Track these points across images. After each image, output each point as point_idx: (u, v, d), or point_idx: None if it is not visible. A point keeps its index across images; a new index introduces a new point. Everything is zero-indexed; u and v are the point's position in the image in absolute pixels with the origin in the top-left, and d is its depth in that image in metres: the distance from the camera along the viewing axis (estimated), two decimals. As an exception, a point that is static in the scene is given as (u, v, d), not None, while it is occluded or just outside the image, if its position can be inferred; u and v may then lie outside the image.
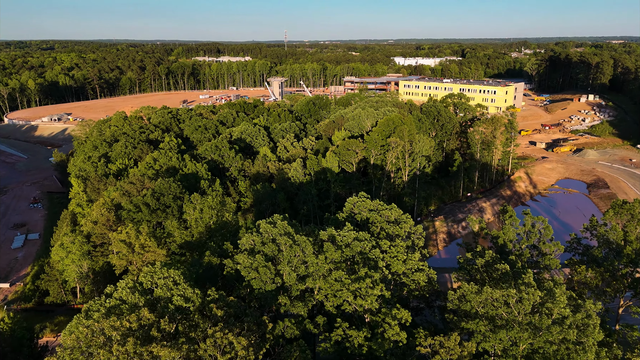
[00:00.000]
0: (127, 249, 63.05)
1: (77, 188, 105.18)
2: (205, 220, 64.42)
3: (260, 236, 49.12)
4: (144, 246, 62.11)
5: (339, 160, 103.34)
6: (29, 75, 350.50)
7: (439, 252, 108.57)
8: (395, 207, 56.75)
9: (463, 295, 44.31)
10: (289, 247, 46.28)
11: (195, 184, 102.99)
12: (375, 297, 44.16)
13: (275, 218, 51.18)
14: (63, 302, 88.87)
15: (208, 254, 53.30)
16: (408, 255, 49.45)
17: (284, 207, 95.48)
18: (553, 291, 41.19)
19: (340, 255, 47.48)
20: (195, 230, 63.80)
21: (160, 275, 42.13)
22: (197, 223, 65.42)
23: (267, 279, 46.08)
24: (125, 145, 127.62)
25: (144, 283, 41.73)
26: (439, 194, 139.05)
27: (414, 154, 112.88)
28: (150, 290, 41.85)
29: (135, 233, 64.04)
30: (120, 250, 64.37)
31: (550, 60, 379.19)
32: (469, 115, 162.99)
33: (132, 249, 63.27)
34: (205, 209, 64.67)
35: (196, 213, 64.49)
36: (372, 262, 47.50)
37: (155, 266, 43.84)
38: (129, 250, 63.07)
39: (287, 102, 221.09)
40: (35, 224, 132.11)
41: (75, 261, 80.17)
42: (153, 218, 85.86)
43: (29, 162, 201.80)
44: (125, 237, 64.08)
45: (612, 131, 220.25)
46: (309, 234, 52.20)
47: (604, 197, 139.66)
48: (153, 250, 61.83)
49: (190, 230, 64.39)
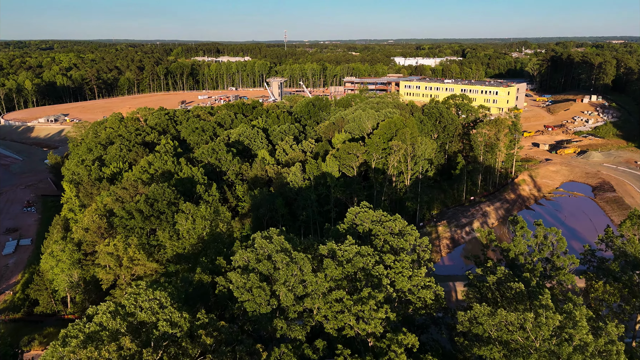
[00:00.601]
0: (114, 262, 59.82)
1: (69, 193, 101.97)
2: (198, 231, 61.08)
3: (255, 252, 45.76)
4: (133, 259, 58.89)
5: (339, 164, 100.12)
6: (26, 76, 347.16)
7: (442, 259, 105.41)
8: (400, 217, 53.47)
9: (474, 317, 41.09)
10: (285, 265, 42.91)
11: (191, 189, 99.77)
12: (379, 320, 40.95)
13: (272, 232, 47.85)
14: (53, 312, 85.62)
15: (199, 271, 49.96)
16: (414, 271, 46.20)
17: (283, 213, 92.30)
18: (573, 314, 38.00)
19: (341, 271, 44.17)
20: (187, 242, 60.45)
21: (145, 297, 38.78)
22: (190, 234, 62.07)
23: (261, 301, 42.74)
24: (120, 148, 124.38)
25: (127, 306, 38.44)
26: (441, 198, 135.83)
27: (416, 157, 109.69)
28: (133, 314, 38.55)
29: (123, 245, 60.79)
30: (108, 263, 61.13)
31: (552, 60, 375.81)
32: (471, 117, 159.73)
33: (119, 262, 60.03)
34: (197, 219, 61.29)
35: (188, 223, 61.12)
36: (375, 279, 44.25)
37: (140, 286, 40.56)
38: (117, 264, 59.83)
39: (286, 103, 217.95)
40: (28, 229, 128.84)
41: (65, 270, 77.00)
42: (146, 225, 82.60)
43: (24, 164, 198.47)
44: (113, 250, 60.83)
45: (616, 132, 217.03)
46: (307, 248, 48.94)
47: (610, 201, 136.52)
48: (143, 263, 58.61)
49: (182, 241, 60.98)
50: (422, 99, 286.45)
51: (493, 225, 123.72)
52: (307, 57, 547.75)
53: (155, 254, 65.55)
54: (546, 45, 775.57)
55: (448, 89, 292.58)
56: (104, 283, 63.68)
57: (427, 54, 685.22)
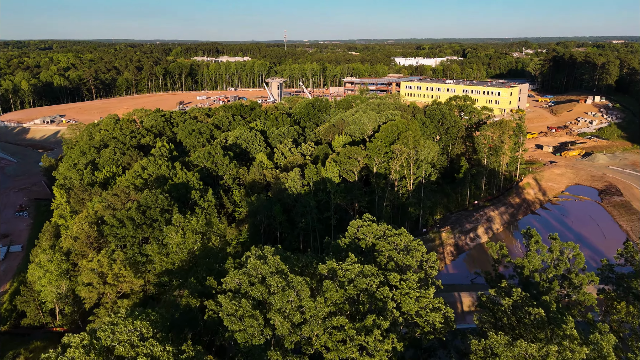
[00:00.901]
0: (98, 279, 56.18)
1: (60, 198, 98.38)
2: (188, 245, 57.43)
3: (247, 274, 42.00)
4: (119, 276, 55.26)
5: (340, 169, 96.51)
6: (23, 76, 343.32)
7: (447, 267, 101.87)
8: (405, 232, 49.81)
9: (490, 347, 37.50)
10: (281, 289, 39.20)
11: (186, 195, 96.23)
12: (386, 354, 37.30)
13: (266, 251, 44.15)
14: (41, 324, 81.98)
15: (187, 294, 46.33)
16: (421, 292, 42.59)
17: (281, 220, 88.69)
18: (601, 346, 34.53)
19: (342, 294, 40.50)
20: (177, 257, 56.76)
21: (124, 328, 35.15)
22: (180, 248, 58.39)
23: (254, 331, 39.01)
24: (114, 151, 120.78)
25: (103, 339, 34.77)
26: (444, 202, 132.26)
27: (419, 161, 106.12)
28: (110, 348, 34.94)
29: (108, 261, 57.13)
30: (91, 281, 57.45)
31: (554, 60, 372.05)
32: (474, 119, 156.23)
33: (104, 279, 56.41)
34: (188, 233, 57.58)
35: (178, 237, 57.42)
36: (380, 302, 40.60)
37: (119, 315, 36.93)
38: (100, 282, 56.19)
39: (285, 105, 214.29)
40: (19, 235, 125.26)
41: (53, 282, 73.37)
42: (138, 234, 79.00)
43: (19, 167, 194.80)
44: (97, 266, 57.16)
45: (621, 134, 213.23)
46: (306, 266, 45.31)
47: (617, 205, 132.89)
48: (129, 280, 55.00)
49: (172, 256, 57.24)
50: (423, 100, 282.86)
51: (498, 230, 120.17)
52: (306, 57, 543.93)
53: (143, 266, 61.75)
54: (547, 45, 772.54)
55: (449, 89, 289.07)
56: (86, 302, 59.91)
57: (427, 54, 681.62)
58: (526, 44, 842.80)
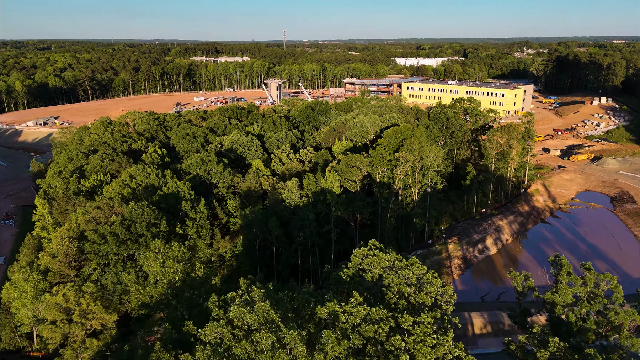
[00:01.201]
0: (62, 316, 49.86)
1: (42, 209, 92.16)
2: (168, 276, 51.11)
3: (230, 326, 35.61)
4: (87, 312, 48.98)
5: (341, 178, 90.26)
6: (17, 77, 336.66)
7: (455, 282, 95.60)
8: (417, 262, 43.51)
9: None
10: (270, 345, 32.76)
11: (176, 206, 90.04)
12: None
13: (254, 294, 37.50)
14: (17, 348, 75.75)
15: (158, 347, 39.99)
16: (438, 337, 36.41)
17: (277, 235, 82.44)
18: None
19: (346, 344, 34.25)
20: (155, 291, 50.37)
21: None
22: (159, 280, 51.91)
23: (236, 402, 32.85)
24: (103, 157, 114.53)
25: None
26: (450, 210, 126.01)
27: (424, 168, 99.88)
28: None
29: (75, 295, 50.78)
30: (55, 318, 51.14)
31: (557, 60, 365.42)
32: (480, 122, 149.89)
33: (69, 317, 50.12)
34: (168, 261, 51.21)
35: (156, 266, 51.14)
36: (391, 356, 34.30)
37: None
38: (65, 320, 49.81)
39: (284, 107, 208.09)
40: (3, 245, 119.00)
41: (28, 304, 67.08)
42: (122, 250, 72.85)
43: (8, 171, 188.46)
44: (62, 301, 50.87)
45: (630, 137, 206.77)
46: (302, 306, 38.97)
47: (631, 214, 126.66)
48: (100, 316, 48.77)
49: (149, 289, 50.81)
50: (426, 101, 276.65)
51: (507, 241, 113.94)
52: (306, 57, 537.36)
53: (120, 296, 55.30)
54: (548, 45, 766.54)
55: (452, 90, 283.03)
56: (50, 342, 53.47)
57: (427, 54, 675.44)
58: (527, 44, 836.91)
